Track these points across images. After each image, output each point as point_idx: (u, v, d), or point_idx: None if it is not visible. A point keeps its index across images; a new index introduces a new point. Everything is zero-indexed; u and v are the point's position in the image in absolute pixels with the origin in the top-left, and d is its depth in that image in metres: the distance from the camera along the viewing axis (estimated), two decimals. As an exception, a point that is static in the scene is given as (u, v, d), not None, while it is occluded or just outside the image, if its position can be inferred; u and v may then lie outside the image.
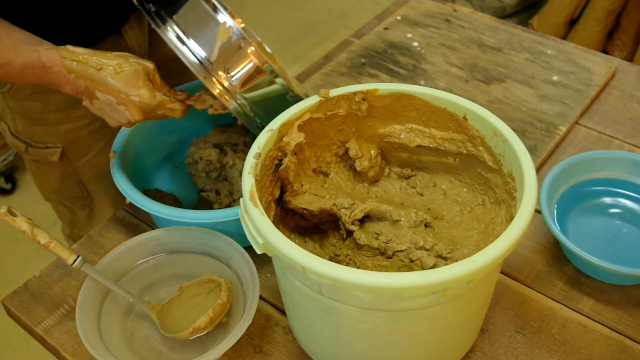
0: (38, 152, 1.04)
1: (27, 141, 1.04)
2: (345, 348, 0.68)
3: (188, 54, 0.75)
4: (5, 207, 0.71)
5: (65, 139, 1.03)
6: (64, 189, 1.10)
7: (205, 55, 0.75)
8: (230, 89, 0.76)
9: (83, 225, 1.17)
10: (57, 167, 1.06)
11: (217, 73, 0.75)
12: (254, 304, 0.72)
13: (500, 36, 1.25)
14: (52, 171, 1.07)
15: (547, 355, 0.75)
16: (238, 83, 0.75)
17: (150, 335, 0.78)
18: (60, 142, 1.03)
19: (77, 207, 1.14)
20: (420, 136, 0.77)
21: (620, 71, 1.16)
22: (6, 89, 0.98)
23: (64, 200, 1.14)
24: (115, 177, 0.84)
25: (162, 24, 0.76)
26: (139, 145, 0.93)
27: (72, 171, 1.07)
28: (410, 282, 0.54)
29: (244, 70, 0.75)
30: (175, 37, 0.75)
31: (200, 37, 0.75)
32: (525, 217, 0.59)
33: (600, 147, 1.01)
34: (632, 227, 0.86)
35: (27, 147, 1.04)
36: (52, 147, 1.03)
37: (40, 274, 0.87)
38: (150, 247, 0.81)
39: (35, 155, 1.05)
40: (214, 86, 0.75)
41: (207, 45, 0.75)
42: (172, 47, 0.75)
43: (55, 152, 1.04)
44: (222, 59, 0.75)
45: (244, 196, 0.63)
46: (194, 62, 0.75)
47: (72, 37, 0.81)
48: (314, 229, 0.77)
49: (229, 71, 0.75)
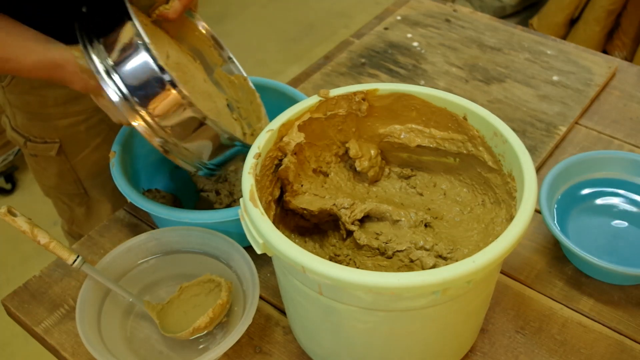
0: (36, 147, 1.05)
1: (26, 135, 1.04)
2: (345, 348, 0.68)
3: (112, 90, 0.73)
4: (5, 207, 0.71)
5: (63, 134, 1.03)
6: (62, 186, 1.11)
7: (127, 92, 0.72)
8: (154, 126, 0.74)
9: (81, 222, 1.17)
10: (55, 163, 1.07)
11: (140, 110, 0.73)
12: (254, 304, 0.72)
13: (500, 36, 1.25)
14: (50, 166, 1.08)
15: (547, 355, 0.75)
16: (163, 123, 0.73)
17: (150, 335, 0.78)
18: (58, 137, 1.03)
19: (74, 204, 1.14)
20: (420, 136, 0.77)
21: (620, 71, 1.16)
22: (5, 83, 0.98)
23: (62, 197, 1.14)
24: (115, 177, 0.84)
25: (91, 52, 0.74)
26: (139, 145, 0.93)
27: (70, 167, 1.07)
28: (410, 282, 0.54)
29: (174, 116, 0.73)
30: (103, 70, 0.73)
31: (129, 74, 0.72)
32: (525, 217, 0.59)
33: (600, 147, 1.01)
34: (632, 227, 0.86)
35: (25, 141, 1.05)
36: (50, 142, 1.04)
37: (40, 274, 0.87)
38: (150, 247, 0.81)
39: (33, 150, 1.05)
40: (135, 118, 0.73)
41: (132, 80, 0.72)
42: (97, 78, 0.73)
43: (53, 147, 1.04)
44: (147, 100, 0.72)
45: (244, 196, 0.63)
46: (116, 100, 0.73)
47: (63, 40, 0.81)
48: (314, 229, 0.77)
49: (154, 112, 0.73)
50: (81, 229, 1.17)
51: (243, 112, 0.90)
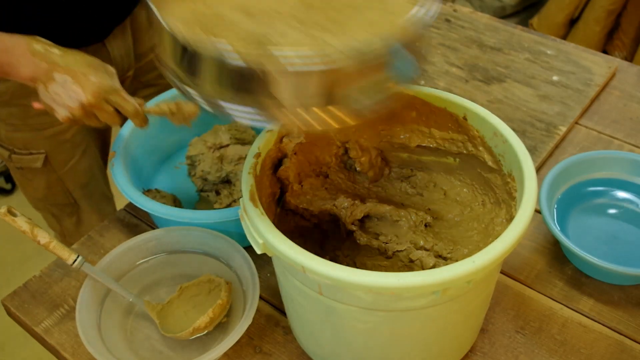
0: (21, 159, 1.02)
1: (10, 148, 1.02)
2: (345, 348, 0.68)
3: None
4: (5, 207, 0.71)
5: (49, 144, 1.01)
6: (51, 196, 1.08)
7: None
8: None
9: (72, 234, 1.15)
10: (42, 174, 1.04)
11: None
12: (254, 304, 0.72)
13: (500, 36, 1.25)
14: (36, 178, 1.05)
15: (547, 355, 0.75)
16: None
17: (150, 335, 0.78)
18: (44, 148, 1.01)
19: (65, 214, 1.12)
20: (420, 136, 0.77)
21: (620, 71, 1.16)
22: None
23: (51, 208, 1.12)
24: (116, 177, 0.84)
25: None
26: (139, 146, 0.93)
27: (57, 177, 1.05)
28: (410, 282, 0.54)
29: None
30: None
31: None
32: (525, 217, 0.59)
33: (600, 147, 1.01)
34: (632, 227, 0.86)
35: (10, 154, 1.02)
36: (35, 154, 1.01)
37: (40, 274, 0.87)
38: (150, 247, 0.81)
39: (18, 162, 1.03)
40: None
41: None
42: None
43: (38, 159, 1.02)
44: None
45: (244, 196, 0.63)
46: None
47: (54, 41, 0.80)
48: (314, 229, 0.77)
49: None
50: (73, 240, 1.16)
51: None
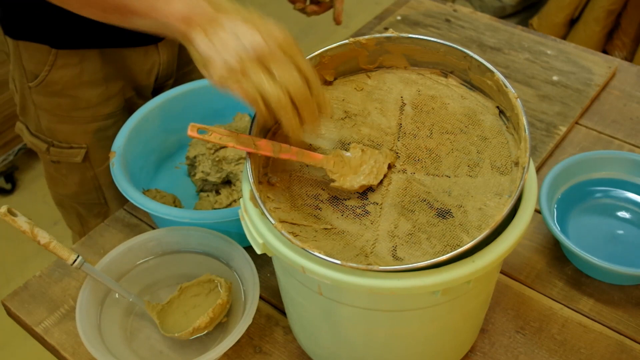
0: (60, 152, 1.01)
1: (49, 140, 1.00)
2: (345, 348, 0.68)
3: None
4: (5, 207, 0.71)
5: (91, 139, 1.00)
6: (82, 194, 1.07)
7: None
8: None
9: None
10: (78, 170, 1.03)
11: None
12: (254, 304, 0.72)
13: (500, 36, 1.25)
14: (71, 173, 1.04)
15: (547, 355, 0.75)
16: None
17: (150, 335, 0.78)
18: (86, 143, 1.00)
19: (91, 214, 1.10)
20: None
21: (620, 71, 1.16)
22: (34, 84, 0.94)
23: (78, 207, 1.10)
24: (116, 177, 0.84)
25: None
26: (139, 145, 0.93)
27: (93, 175, 1.04)
28: (410, 283, 0.54)
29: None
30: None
31: None
32: (525, 217, 0.59)
33: (600, 147, 1.01)
34: (632, 227, 0.87)
35: (48, 146, 1.00)
36: (76, 147, 1.00)
37: (40, 274, 0.87)
38: (150, 247, 0.81)
39: (56, 156, 1.01)
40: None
41: None
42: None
43: (79, 153, 1.00)
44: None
45: (244, 196, 0.63)
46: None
47: (111, 37, 0.77)
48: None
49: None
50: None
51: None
